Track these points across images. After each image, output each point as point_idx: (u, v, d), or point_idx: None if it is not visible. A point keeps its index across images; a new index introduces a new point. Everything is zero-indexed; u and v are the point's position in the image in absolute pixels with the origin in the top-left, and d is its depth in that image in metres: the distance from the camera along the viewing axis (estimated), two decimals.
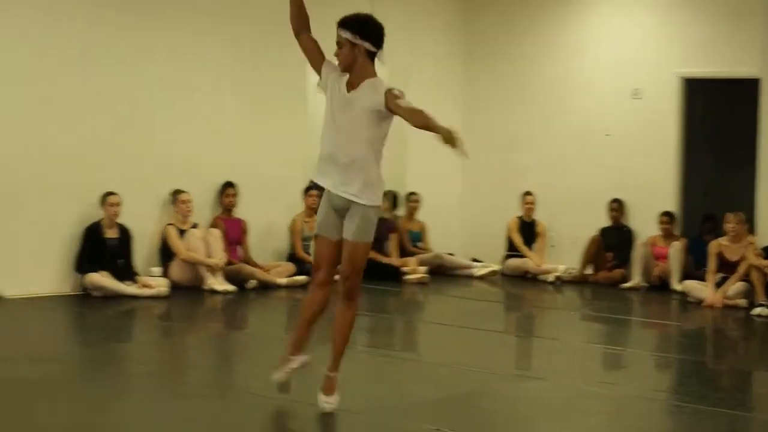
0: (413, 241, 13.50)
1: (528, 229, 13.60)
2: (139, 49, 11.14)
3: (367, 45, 6.04)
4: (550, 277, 13.01)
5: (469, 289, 12.50)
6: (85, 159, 10.78)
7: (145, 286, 10.73)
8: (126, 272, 10.83)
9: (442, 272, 13.26)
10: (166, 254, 11.31)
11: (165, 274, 11.12)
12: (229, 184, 11.93)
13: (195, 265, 11.25)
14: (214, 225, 11.78)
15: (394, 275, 12.50)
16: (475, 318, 10.43)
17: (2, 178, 10.22)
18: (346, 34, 6.01)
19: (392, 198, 13.34)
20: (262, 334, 9.39)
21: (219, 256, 11.36)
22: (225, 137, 11.98)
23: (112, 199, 10.74)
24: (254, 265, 11.87)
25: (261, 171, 12.29)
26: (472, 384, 7.30)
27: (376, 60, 6.13)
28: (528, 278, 13.19)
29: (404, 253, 13.21)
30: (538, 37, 14.04)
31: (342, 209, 6.09)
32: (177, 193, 11.37)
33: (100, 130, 10.91)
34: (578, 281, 12.92)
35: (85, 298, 10.51)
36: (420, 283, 12.52)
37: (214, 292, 11.07)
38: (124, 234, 10.90)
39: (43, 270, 10.57)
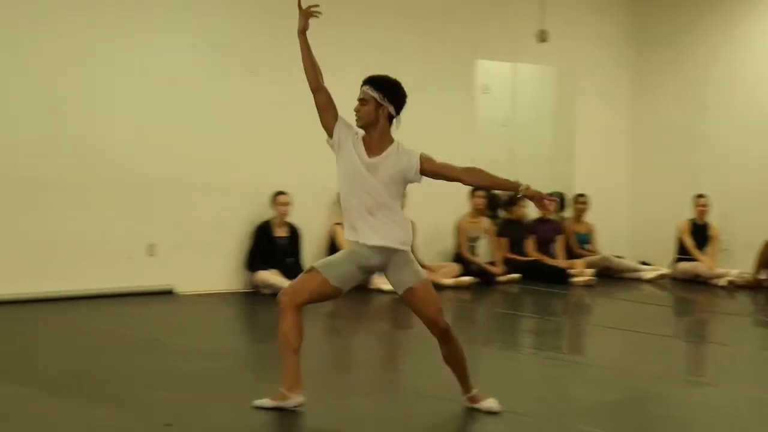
0: (580, 243, 13.34)
1: (700, 232, 13.26)
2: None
3: (391, 109, 6.04)
4: (722, 281, 12.66)
5: (637, 293, 12.27)
6: (255, 159, 11.00)
7: None
8: (295, 270, 10.96)
9: (610, 275, 13.06)
10: (333, 253, 11.40)
11: None
12: None
13: None
14: None
15: (560, 277, 12.38)
16: (643, 321, 10.21)
17: (178, 178, 10.50)
18: (374, 93, 6.01)
19: (560, 200, 13.21)
20: (427, 333, 9.34)
21: None
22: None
23: (282, 198, 10.93)
24: (421, 265, 11.87)
25: None
26: (639, 388, 7.15)
27: (394, 123, 6.14)
28: (699, 282, 12.87)
29: (571, 255, 13.08)
30: (710, 34, 13.71)
31: (377, 266, 6.18)
32: None
33: (270, 130, 11.10)
34: (751, 286, 12.52)
35: (255, 296, 10.73)
36: (587, 285, 12.36)
37: (380, 291, 11.14)
38: (294, 233, 11.08)
39: (214, 267, 10.86)
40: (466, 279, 11.85)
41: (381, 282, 11.21)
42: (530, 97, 14.37)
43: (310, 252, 11.31)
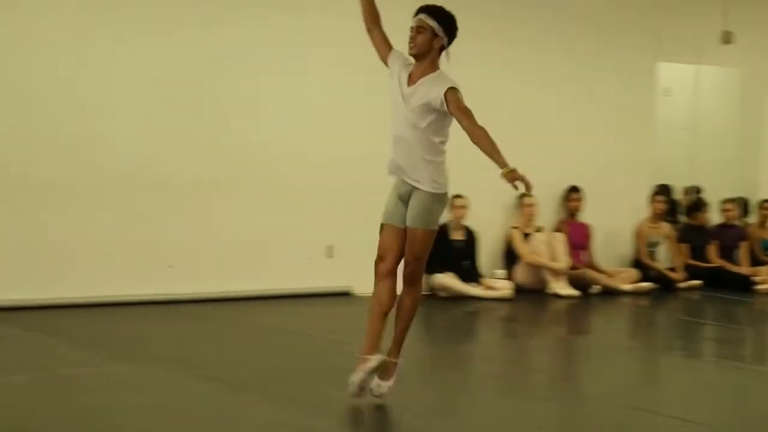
0: (765, 250, 12.94)
1: None
2: (476, 55, 11.26)
3: (445, 41, 5.98)
4: None
5: None
6: None
7: (489, 288, 10.86)
8: (471, 274, 11.01)
9: None
10: (510, 257, 11.41)
11: (509, 277, 11.22)
12: (574, 189, 11.89)
13: (539, 268, 11.29)
14: (558, 229, 11.78)
15: (744, 285, 12.04)
16: None
17: (358, 181, 10.56)
18: (432, 22, 5.93)
19: (743, 205, 12.86)
20: (605, 339, 9.28)
21: (563, 261, 11.34)
22: (570, 141, 11.94)
23: (459, 201, 10.95)
24: (598, 270, 11.77)
25: (606, 175, 12.17)
26: None
27: (443, 55, 6.05)
28: None
29: (755, 262, 12.70)
30: None
31: (405, 195, 6.12)
32: (523, 196, 11.43)
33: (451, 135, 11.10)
34: None
35: (432, 298, 10.72)
36: None
37: (557, 296, 11.06)
38: (470, 236, 11.08)
39: None
40: (645, 285, 11.65)
41: (558, 286, 11.14)
42: (713, 100, 14.05)
43: (487, 255, 11.31)
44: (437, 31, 5.93)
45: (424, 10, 5.98)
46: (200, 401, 6.14)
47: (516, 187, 5.78)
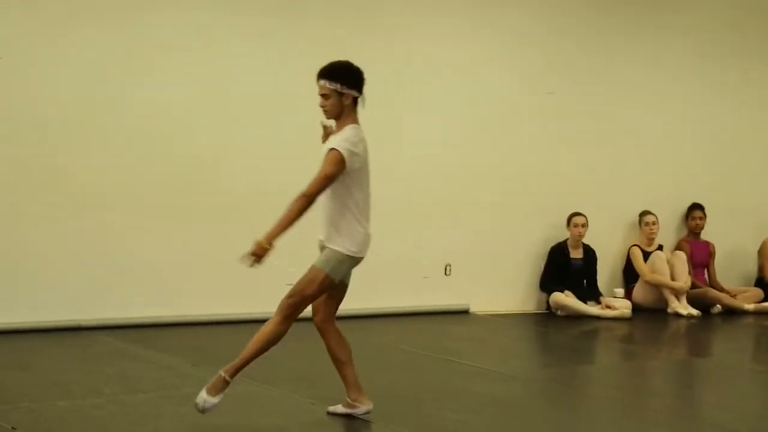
0: None
1: None
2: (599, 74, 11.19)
3: (354, 92, 5.90)
4: None
5: None
6: (551, 181, 11.02)
7: (608, 307, 10.76)
8: (590, 293, 10.92)
9: None
10: (629, 276, 11.29)
11: (628, 296, 11.09)
12: (696, 206, 11.71)
13: (659, 287, 11.14)
14: (679, 247, 11.62)
15: None
16: None
17: (475, 199, 10.60)
18: (333, 85, 5.85)
19: None
20: (728, 362, 9.09)
21: (684, 279, 11.17)
22: (693, 158, 11.79)
23: (577, 219, 10.87)
24: (720, 289, 11.58)
25: (729, 192, 11.97)
26: None
27: (358, 104, 5.97)
28: None
29: None
30: None
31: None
32: (644, 214, 11.32)
33: (567, 151, 11.07)
34: None
35: (549, 317, 10.72)
36: None
37: (677, 315, 10.91)
38: (589, 254, 11.00)
39: (509, 288, 10.92)
40: None
41: (679, 306, 10.98)
42: None
43: (605, 274, 11.23)
44: (341, 89, 5.88)
45: (322, 75, 5.91)
46: (320, 422, 6.18)
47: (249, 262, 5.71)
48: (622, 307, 10.75)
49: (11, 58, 8.38)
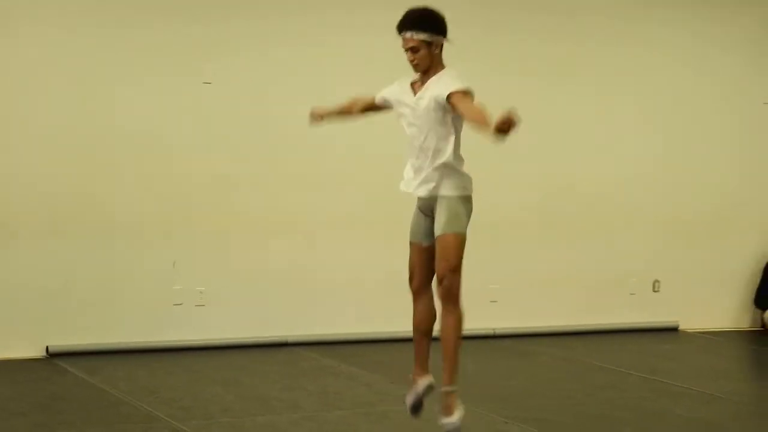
0: None
1: None
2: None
3: (442, 38, 5.57)
4: None
5: None
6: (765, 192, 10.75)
7: None
8: None
9: None
10: None
11: None
12: None
13: None
14: None
15: None
16: None
17: (681, 213, 10.40)
18: (421, 36, 5.51)
19: None
20: None
21: None
22: None
23: None
24: None
25: None
26: None
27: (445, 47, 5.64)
28: None
29: None
30: None
31: (427, 208, 5.65)
32: None
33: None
34: None
35: (763, 335, 10.40)
36: None
37: None
38: None
39: (721, 304, 10.64)
40: None
41: None
42: None
43: None
44: (430, 39, 5.57)
45: (406, 27, 5.61)
46: None
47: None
48: None
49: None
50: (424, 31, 5.55)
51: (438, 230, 5.58)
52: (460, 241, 5.57)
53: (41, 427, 6.15)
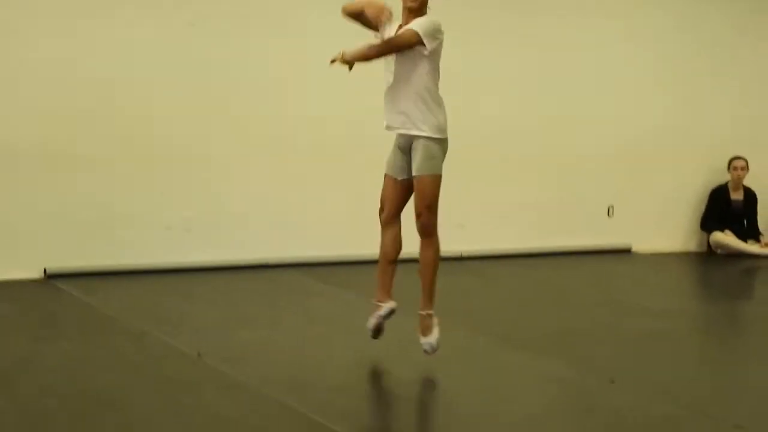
0: None
1: None
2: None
3: None
4: None
5: None
6: (711, 124, 11.13)
7: (767, 245, 10.88)
8: (750, 232, 11.06)
9: None
10: None
11: None
12: None
13: None
14: None
15: None
16: None
17: (638, 143, 10.76)
18: None
19: None
20: None
21: None
22: None
23: (737, 162, 11.02)
24: None
25: None
26: None
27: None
28: None
29: None
30: None
31: (405, 146, 5.92)
32: None
33: (727, 96, 11.17)
34: None
35: (709, 256, 10.88)
36: None
37: None
38: (749, 196, 11.14)
39: (670, 228, 11.10)
40: None
41: None
42: None
43: (765, 215, 11.29)
44: None
45: None
46: (469, 354, 6.36)
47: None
48: None
49: None
50: None
51: (415, 170, 5.85)
52: (436, 182, 5.85)
53: (43, 340, 6.34)
